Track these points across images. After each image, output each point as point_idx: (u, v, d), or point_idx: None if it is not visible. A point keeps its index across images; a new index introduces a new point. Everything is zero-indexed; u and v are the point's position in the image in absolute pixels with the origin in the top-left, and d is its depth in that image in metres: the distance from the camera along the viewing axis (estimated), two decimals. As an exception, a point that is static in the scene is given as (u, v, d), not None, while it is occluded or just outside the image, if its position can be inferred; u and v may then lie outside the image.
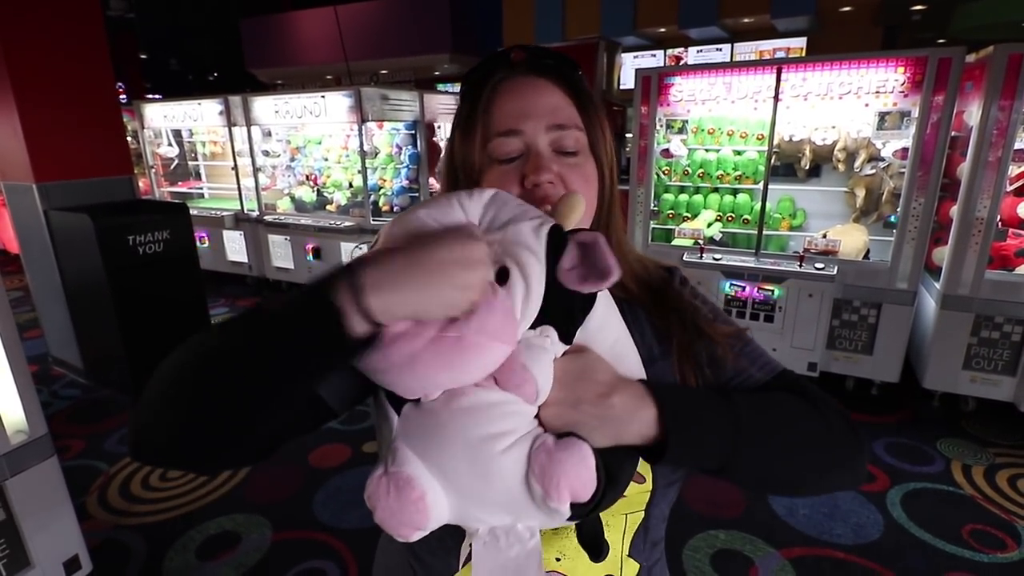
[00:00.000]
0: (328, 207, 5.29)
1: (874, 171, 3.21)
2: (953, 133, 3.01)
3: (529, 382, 0.52)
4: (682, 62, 8.73)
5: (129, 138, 5.98)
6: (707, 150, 3.63)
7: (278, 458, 2.27)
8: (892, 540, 2.26)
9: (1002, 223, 2.94)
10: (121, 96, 9.40)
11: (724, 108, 3.36)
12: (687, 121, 3.51)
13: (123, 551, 2.26)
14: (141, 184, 6.29)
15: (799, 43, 8.16)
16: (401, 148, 5.09)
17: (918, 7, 7.75)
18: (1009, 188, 2.90)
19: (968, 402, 3.16)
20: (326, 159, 5.29)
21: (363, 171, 4.71)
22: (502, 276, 0.51)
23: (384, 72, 11.12)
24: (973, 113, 2.85)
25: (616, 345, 0.61)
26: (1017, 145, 2.76)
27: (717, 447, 0.56)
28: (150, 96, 9.28)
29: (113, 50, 3.81)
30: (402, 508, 0.50)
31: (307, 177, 5.48)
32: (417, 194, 5.13)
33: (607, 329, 0.60)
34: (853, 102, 3.03)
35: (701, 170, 3.62)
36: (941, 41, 7.63)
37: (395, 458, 0.52)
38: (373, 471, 0.52)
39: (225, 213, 5.58)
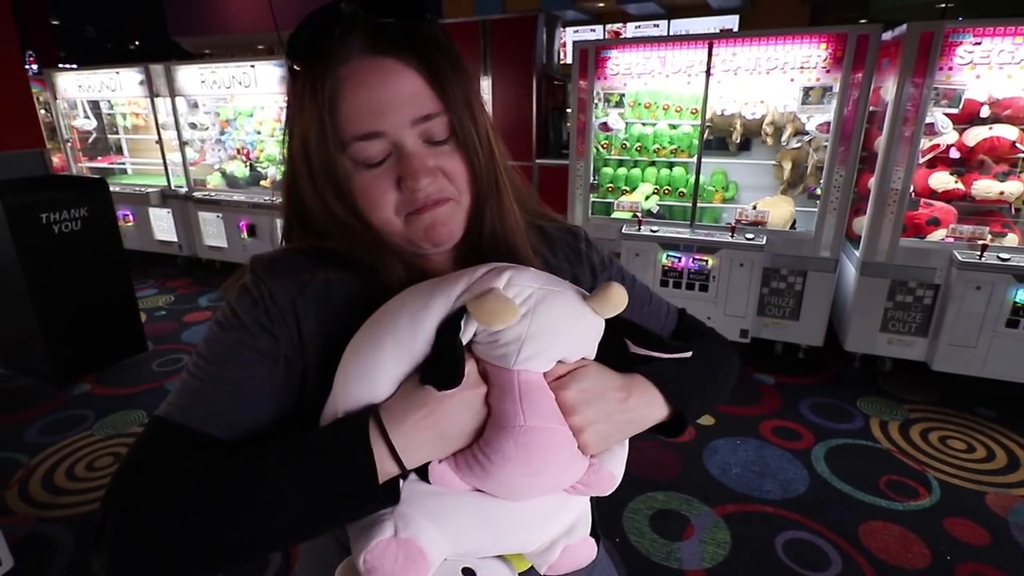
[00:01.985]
0: (262, 182, 5.08)
1: (800, 145, 3.34)
2: (871, 108, 3.16)
3: (607, 478, 0.59)
4: (621, 38, 8.79)
5: (41, 111, 5.57)
6: (644, 124, 3.68)
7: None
8: (816, 493, 2.40)
9: (915, 193, 3.12)
10: (31, 65, 8.70)
11: (659, 82, 3.41)
12: (624, 95, 3.54)
13: (48, 545, 2.16)
14: (56, 159, 5.88)
15: (732, 21, 8.36)
16: (338, 121, 4.93)
17: (842, -13, 8.06)
18: (921, 160, 3.07)
19: (885, 362, 3.38)
20: (259, 132, 5.07)
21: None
22: None
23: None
24: (889, 89, 2.99)
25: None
26: (928, 119, 2.91)
27: (699, 408, 0.68)
28: (64, 66, 8.61)
29: (21, 15, 3.52)
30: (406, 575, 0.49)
31: (239, 151, 5.24)
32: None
33: None
34: (780, 77, 3.13)
35: (638, 144, 3.67)
36: (863, 21, 7.95)
37: (405, 523, 0.51)
38: (377, 532, 0.50)
39: (151, 190, 5.29)
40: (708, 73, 3.22)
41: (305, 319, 0.59)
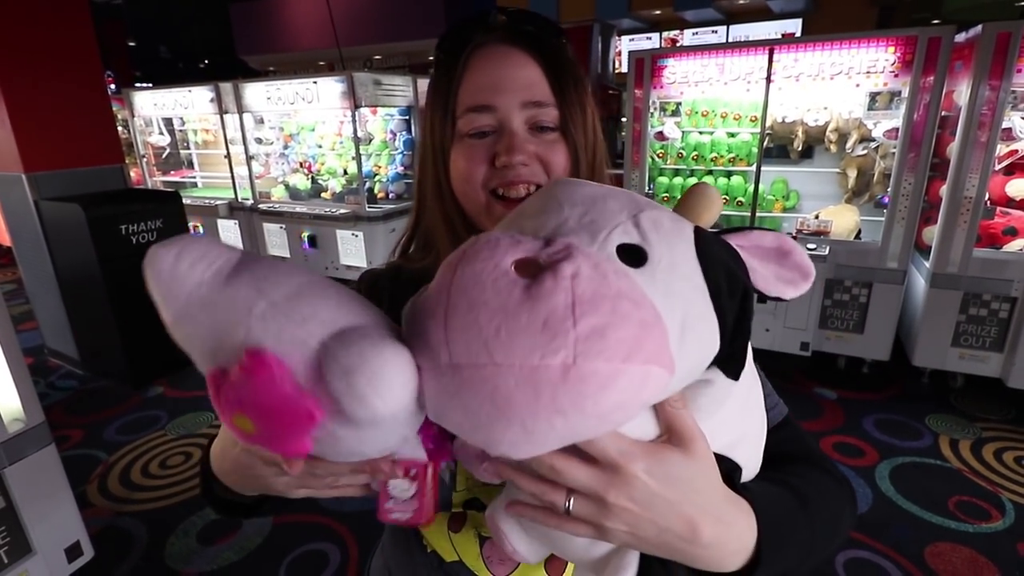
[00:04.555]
0: (323, 195, 5.27)
1: (865, 152, 3.22)
2: (943, 113, 3.01)
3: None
4: (678, 45, 8.67)
5: (119, 127, 5.94)
6: (701, 132, 3.63)
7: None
8: (881, 513, 2.31)
9: (990, 202, 2.96)
10: (110, 85, 9.31)
11: (717, 90, 3.36)
12: (680, 103, 3.51)
13: (124, 537, 2.30)
14: (133, 174, 6.25)
15: (794, 25, 8.12)
16: (395, 134, 5.07)
17: (912, -13, 7.73)
18: (997, 167, 2.91)
19: (956, 378, 3.21)
20: (320, 146, 5.27)
21: (357, 158, 4.69)
22: (632, 255, 0.36)
23: (378, 58, 11.01)
24: (962, 92, 2.85)
25: (751, 396, 0.49)
26: (1005, 124, 2.76)
27: (792, 563, 0.50)
28: (140, 84, 9.19)
29: (101, 38, 3.77)
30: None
31: (301, 164, 5.46)
32: (412, 180, 5.12)
33: (749, 370, 0.47)
34: (844, 83, 3.03)
35: (695, 153, 3.62)
36: (935, 22, 7.60)
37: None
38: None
39: (219, 202, 5.56)
40: (768, 80, 3.15)
41: None
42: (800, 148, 3.39)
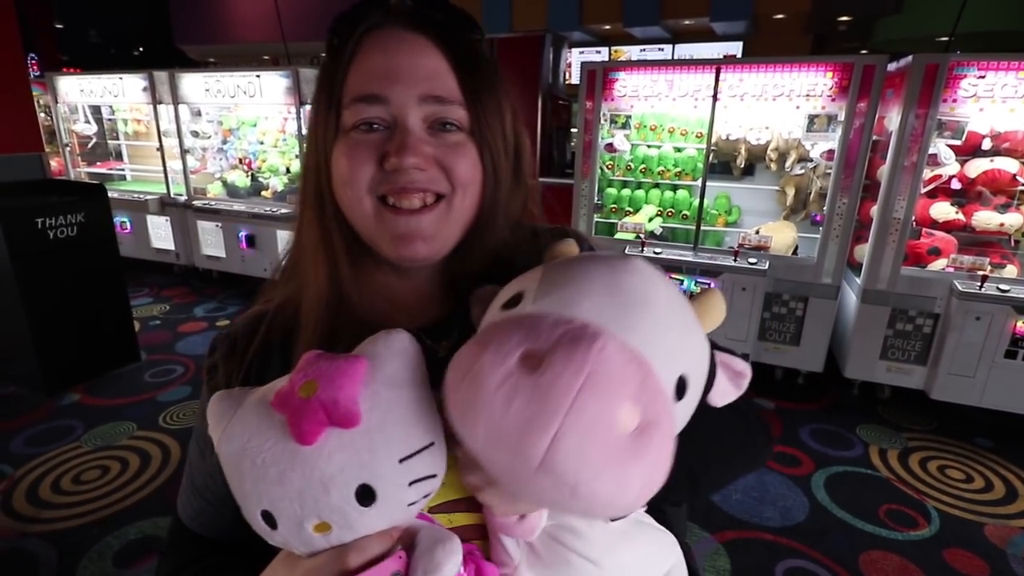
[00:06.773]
0: (263, 193, 5.06)
1: (803, 171, 3.36)
2: (875, 137, 3.18)
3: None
4: (624, 60, 8.87)
5: (41, 114, 5.55)
6: (649, 146, 3.69)
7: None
8: (817, 521, 2.38)
9: (916, 223, 3.13)
10: (33, 68, 8.70)
11: (666, 105, 3.42)
12: (631, 117, 3.56)
13: (30, 561, 2.09)
14: (54, 164, 5.86)
15: (736, 47, 8.47)
16: (342, 134, 4.92)
17: (844, 18, 8.18)
18: (923, 190, 3.08)
19: (884, 390, 3.36)
20: (261, 142, 5.06)
21: (302, 156, 4.52)
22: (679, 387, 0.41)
23: (324, 55, 10.75)
24: (893, 119, 3.01)
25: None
26: (931, 150, 2.93)
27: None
28: (67, 70, 8.61)
29: (24, 17, 3.51)
30: None
31: (240, 161, 5.23)
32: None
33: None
34: (785, 104, 3.15)
35: (643, 165, 3.68)
36: (864, 51, 8.07)
37: None
38: None
39: (149, 197, 5.25)
40: (715, 98, 3.24)
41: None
42: (743, 165, 3.51)
